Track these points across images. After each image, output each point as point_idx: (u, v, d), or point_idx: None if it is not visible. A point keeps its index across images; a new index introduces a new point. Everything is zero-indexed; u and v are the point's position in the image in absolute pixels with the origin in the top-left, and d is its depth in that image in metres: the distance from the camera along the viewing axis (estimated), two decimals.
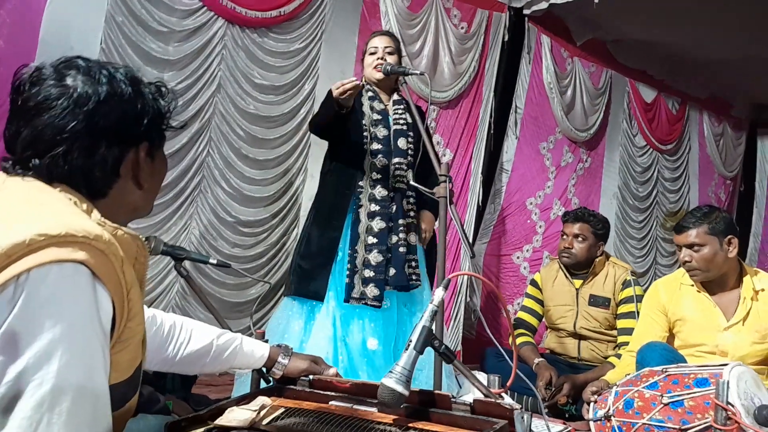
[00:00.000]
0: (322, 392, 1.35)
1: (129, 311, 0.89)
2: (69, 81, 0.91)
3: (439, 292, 1.29)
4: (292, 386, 1.40)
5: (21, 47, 2.65)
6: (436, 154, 2.26)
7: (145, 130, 0.98)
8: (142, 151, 0.99)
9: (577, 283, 3.13)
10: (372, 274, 2.44)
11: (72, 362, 0.77)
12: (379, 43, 2.61)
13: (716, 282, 2.35)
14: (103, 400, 0.82)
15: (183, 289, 3.10)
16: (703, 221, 2.32)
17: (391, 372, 1.18)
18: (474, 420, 1.15)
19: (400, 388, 1.16)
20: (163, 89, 1.04)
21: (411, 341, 1.22)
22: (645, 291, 2.79)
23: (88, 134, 0.91)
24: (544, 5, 4.27)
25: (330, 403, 1.32)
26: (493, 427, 1.11)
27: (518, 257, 4.65)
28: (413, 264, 2.56)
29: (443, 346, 1.28)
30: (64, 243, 0.79)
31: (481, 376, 1.50)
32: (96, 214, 0.92)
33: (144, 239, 0.98)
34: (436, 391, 1.24)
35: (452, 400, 1.20)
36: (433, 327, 1.28)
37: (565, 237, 3.12)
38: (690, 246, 2.33)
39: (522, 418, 1.13)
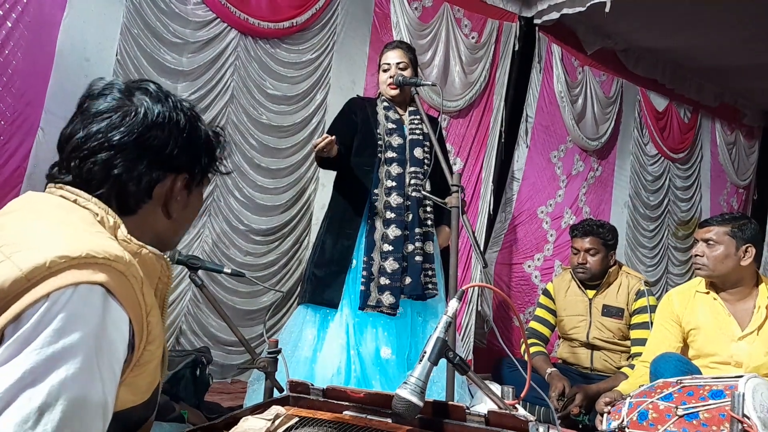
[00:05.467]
0: (336, 402, 1.36)
1: (148, 334, 0.88)
2: (135, 99, 0.97)
3: (453, 304, 1.30)
4: (305, 395, 1.41)
5: (38, 61, 2.69)
6: (449, 165, 2.26)
7: (188, 162, 1.01)
8: (180, 181, 1.01)
9: (590, 293, 3.11)
10: (388, 281, 2.44)
11: (66, 383, 0.75)
12: (392, 59, 2.60)
13: (729, 288, 2.34)
14: (92, 425, 0.79)
15: (195, 297, 3.12)
16: (728, 223, 2.33)
17: (405, 383, 1.18)
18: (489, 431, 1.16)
19: (414, 399, 1.16)
20: (221, 136, 1.09)
21: (425, 352, 1.23)
22: (658, 301, 2.78)
23: (134, 149, 0.95)
24: (554, 15, 4.28)
25: (344, 413, 1.32)
26: None
27: (529, 266, 4.64)
28: (430, 273, 2.55)
29: (457, 358, 1.28)
30: (84, 265, 0.79)
31: (494, 387, 1.50)
32: (123, 230, 0.92)
33: (168, 258, 0.98)
34: (451, 402, 1.24)
35: (467, 411, 1.20)
36: (447, 338, 1.29)
37: (576, 252, 3.11)
38: (706, 241, 2.33)
39: (537, 429, 1.13)
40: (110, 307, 0.81)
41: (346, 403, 1.35)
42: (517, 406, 1.36)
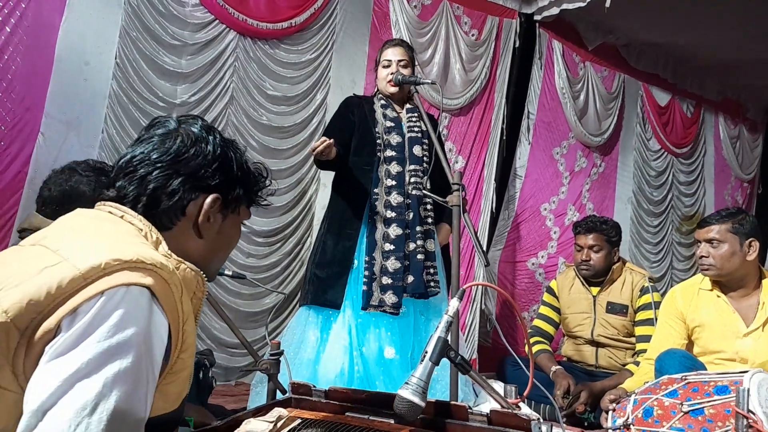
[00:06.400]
0: (338, 403, 1.35)
1: (183, 342, 0.94)
2: (180, 129, 1.09)
3: (453, 303, 1.29)
4: (308, 397, 1.40)
5: (37, 65, 2.69)
6: (448, 163, 2.25)
7: (220, 185, 1.08)
8: (212, 200, 1.07)
9: (594, 290, 3.10)
10: (390, 281, 2.43)
11: (119, 376, 0.81)
12: (392, 56, 2.59)
13: (735, 286, 2.32)
14: (137, 419, 0.85)
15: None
16: (728, 220, 2.31)
17: (407, 383, 1.17)
18: (491, 431, 1.15)
19: (416, 400, 1.15)
20: (262, 174, 1.19)
21: (426, 352, 1.22)
22: (663, 297, 2.76)
23: (169, 166, 1.05)
24: (554, 11, 4.27)
25: (346, 414, 1.32)
26: None
27: (533, 263, 4.63)
28: (431, 271, 2.54)
29: (459, 357, 1.27)
30: (135, 268, 0.87)
31: (498, 385, 1.49)
32: (164, 246, 0.99)
33: (204, 275, 1.04)
34: (453, 402, 1.23)
35: (468, 411, 1.20)
36: (449, 338, 1.28)
37: (580, 249, 3.09)
38: (709, 241, 2.31)
39: (539, 428, 1.12)
40: (154, 311, 0.88)
41: (349, 404, 1.34)
42: (520, 404, 1.35)
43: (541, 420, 1.18)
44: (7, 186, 2.62)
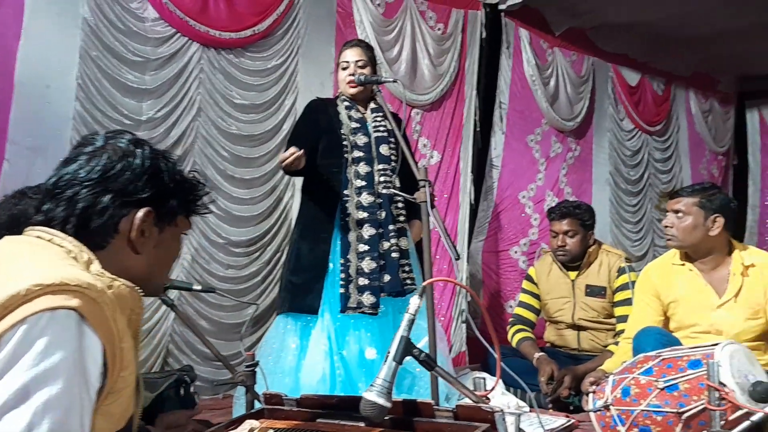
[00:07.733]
0: (310, 410, 1.36)
1: (122, 360, 0.92)
2: (107, 145, 1.06)
3: (414, 301, 1.30)
4: (280, 407, 1.41)
5: None
6: (415, 160, 2.26)
7: (151, 198, 1.06)
8: (144, 214, 1.04)
9: (572, 274, 3.12)
10: (367, 281, 2.44)
11: (49, 403, 0.79)
12: (350, 57, 2.60)
13: (701, 258, 2.36)
14: None
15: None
16: (697, 194, 2.36)
17: (372, 385, 1.19)
18: (457, 426, 1.16)
19: (381, 401, 1.17)
20: (194, 176, 1.18)
21: (390, 352, 1.23)
22: None
23: (98, 184, 1.02)
24: None
25: (317, 420, 1.33)
26: (474, 431, 1.11)
27: (516, 252, 4.65)
28: (407, 269, 2.56)
29: (423, 354, 1.28)
30: (58, 291, 0.84)
31: (470, 378, 1.50)
32: (96, 265, 0.97)
33: (140, 291, 1.02)
34: (419, 400, 1.24)
35: (435, 407, 1.21)
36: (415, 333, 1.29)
37: (555, 235, 3.13)
38: (675, 212, 2.37)
39: (503, 419, 1.13)
40: (84, 333, 0.85)
41: (320, 411, 1.35)
42: (497, 395, 1.37)
43: (508, 411, 1.20)
44: None
